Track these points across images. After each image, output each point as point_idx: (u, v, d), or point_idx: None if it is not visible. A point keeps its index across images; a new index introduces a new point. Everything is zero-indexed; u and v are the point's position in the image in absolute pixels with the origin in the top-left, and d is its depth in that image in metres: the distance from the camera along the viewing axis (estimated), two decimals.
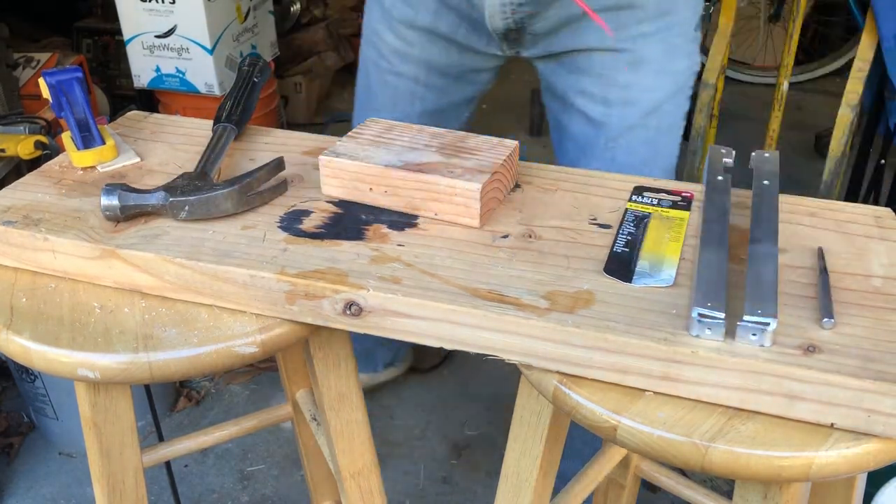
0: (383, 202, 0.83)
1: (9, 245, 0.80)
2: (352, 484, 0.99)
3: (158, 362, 0.72)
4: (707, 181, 0.82)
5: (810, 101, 3.47)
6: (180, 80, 2.28)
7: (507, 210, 0.83)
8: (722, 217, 0.76)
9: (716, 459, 0.61)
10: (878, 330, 0.66)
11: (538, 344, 0.68)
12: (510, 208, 0.84)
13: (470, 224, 0.80)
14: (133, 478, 0.91)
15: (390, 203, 0.83)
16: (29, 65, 2.32)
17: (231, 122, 0.93)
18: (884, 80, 2.08)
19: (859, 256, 0.75)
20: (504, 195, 0.85)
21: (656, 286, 0.71)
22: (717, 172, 0.82)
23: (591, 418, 0.66)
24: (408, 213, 0.82)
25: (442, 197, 0.80)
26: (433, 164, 0.82)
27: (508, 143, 0.86)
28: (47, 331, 0.74)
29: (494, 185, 0.82)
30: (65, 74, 0.90)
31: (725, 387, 0.63)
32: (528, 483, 0.84)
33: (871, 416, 0.61)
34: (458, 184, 0.79)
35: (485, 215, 0.81)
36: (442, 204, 0.81)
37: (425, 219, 0.82)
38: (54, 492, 1.72)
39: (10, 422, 1.87)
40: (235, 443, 1.82)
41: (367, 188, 0.83)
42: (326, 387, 0.92)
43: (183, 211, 0.80)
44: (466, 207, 0.79)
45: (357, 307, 0.72)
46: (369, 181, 0.83)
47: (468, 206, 0.79)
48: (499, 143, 0.86)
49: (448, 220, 0.81)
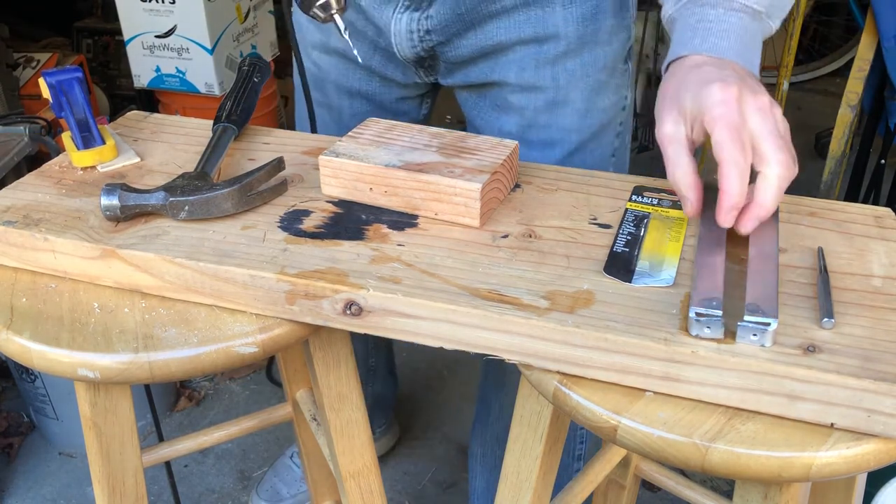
0: (383, 202, 0.83)
1: (9, 245, 0.80)
2: (352, 484, 0.99)
3: (158, 362, 0.72)
4: (705, 181, 0.81)
5: (810, 101, 3.47)
6: (180, 80, 2.28)
7: (507, 210, 0.83)
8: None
9: (716, 460, 0.61)
10: (878, 330, 0.66)
11: (538, 344, 0.68)
12: (510, 208, 0.83)
13: (470, 224, 0.80)
14: (133, 478, 0.91)
15: (390, 203, 0.83)
16: (29, 65, 2.33)
17: (231, 122, 0.93)
18: (884, 80, 2.08)
19: (859, 256, 0.75)
20: (504, 195, 0.85)
21: (656, 286, 0.71)
22: (715, 171, 0.82)
23: (592, 418, 0.66)
24: (408, 212, 0.82)
25: (442, 197, 0.80)
26: (433, 164, 0.82)
27: (508, 143, 0.86)
28: (47, 331, 0.74)
29: (494, 185, 0.82)
30: (65, 74, 0.90)
31: (726, 387, 0.63)
32: (528, 483, 0.84)
33: (871, 416, 0.61)
34: (458, 184, 0.79)
35: (485, 215, 0.81)
36: (442, 204, 0.81)
37: (425, 219, 0.82)
38: (54, 492, 1.72)
39: (10, 422, 1.87)
40: (235, 443, 1.82)
41: (367, 188, 0.83)
42: (326, 387, 0.92)
43: (183, 211, 0.80)
44: (466, 207, 0.79)
45: (357, 307, 0.72)
46: (369, 181, 0.83)
47: (468, 206, 0.79)
48: (499, 143, 0.86)
49: (448, 221, 0.81)
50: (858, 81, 2.08)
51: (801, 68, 3.59)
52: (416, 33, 1.02)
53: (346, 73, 1.15)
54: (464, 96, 1.13)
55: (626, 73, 1.09)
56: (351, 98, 1.17)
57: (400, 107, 1.18)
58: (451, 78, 1.10)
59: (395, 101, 1.17)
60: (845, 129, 2.14)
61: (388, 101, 1.17)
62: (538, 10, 0.99)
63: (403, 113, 1.20)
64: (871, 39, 2.03)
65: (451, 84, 1.11)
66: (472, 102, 1.12)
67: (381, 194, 0.83)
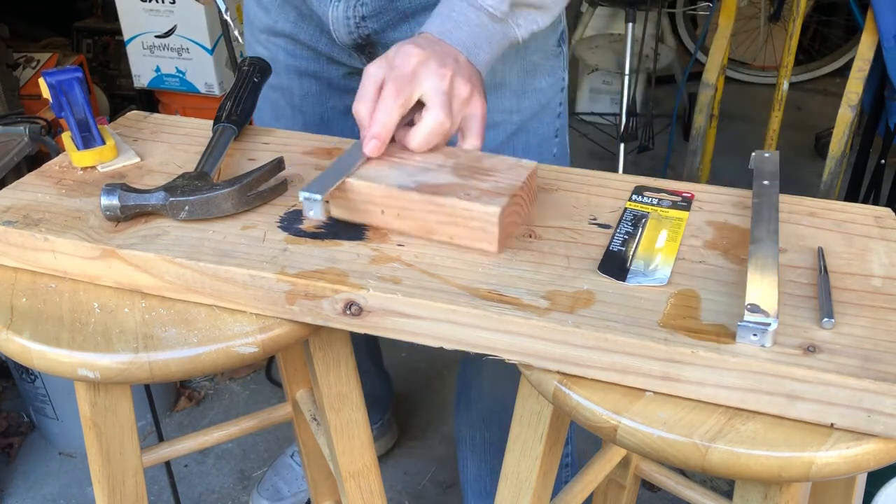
0: (395, 225, 0.79)
1: (9, 245, 0.80)
2: (352, 484, 0.99)
3: (158, 362, 0.72)
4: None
5: (810, 101, 3.48)
6: (180, 80, 2.29)
7: None
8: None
9: (716, 460, 0.61)
10: (878, 330, 0.66)
11: (538, 344, 0.68)
12: None
13: (488, 249, 0.76)
14: (133, 478, 0.91)
15: (403, 226, 0.79)
16: (29, 65, 2.33)
17: (231, 122, 0.93)
18: (884, 80, 2.08)
19: (859, 256, 0.75)
20: (522, 219, 0.81)
21: (651, 285, 0.71)
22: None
23: (592, 418, 0.66)
24: (421, 236, 0.79)
25: (458, 220, 0.76)
26: (449, 186, 0.78)
27: (526, 163, 0.82)
28: (47, 331, 0.74)
29: (513, 209, 0.77)
30: (65, 74, 0.90)
31: (726, 387, 0.63)
32: (528, 483, 0.84)
33: (871, 416, 0.61)
34: (475, 207, 0.75)
35: (503, 241, 0.76)
36: (458, 228, 0.76)
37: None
38: (54, 492, 1.72)
39: (10, 422, 1.87)
40: (235, 443, 1.82)
41: (379, 211, 0.79)
42: (326, 387, 0.92)
43: (183, 211, 0.80)
44: (484, 232, 0.75)
45: (357, 307, 0.72)
46: (381, 203, 0.79)
47: (486, 231, 0.75)
48: (516, 163, 0.82)
49: (464, 245, 0.77)
50: (858, 81, 2.08)
51: (801, 68, 3.59)
52: (353, 20, 1.05)
53: (294, 54, 1.17)
54: None
55: (560, 55, 1.14)
56: (301, 78, 1.19)
57: (349, 84, 1.19)
58: None
59: (342, 78, 1.19)
60: (845, 129, 2.14)
61: (335, 78, 1.19)
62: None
63: (352, 89, 1.20)
64: (871, 39, 2.03)
65: None
66: None
67: (394, 217, 0.79)
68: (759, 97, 3.49)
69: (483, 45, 0.86)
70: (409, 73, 0.80)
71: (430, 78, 0.80)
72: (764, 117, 2.51)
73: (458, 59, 0.83)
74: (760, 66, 3.68)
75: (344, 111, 1.22)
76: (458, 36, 0.85)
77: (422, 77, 0.80)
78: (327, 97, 1.21)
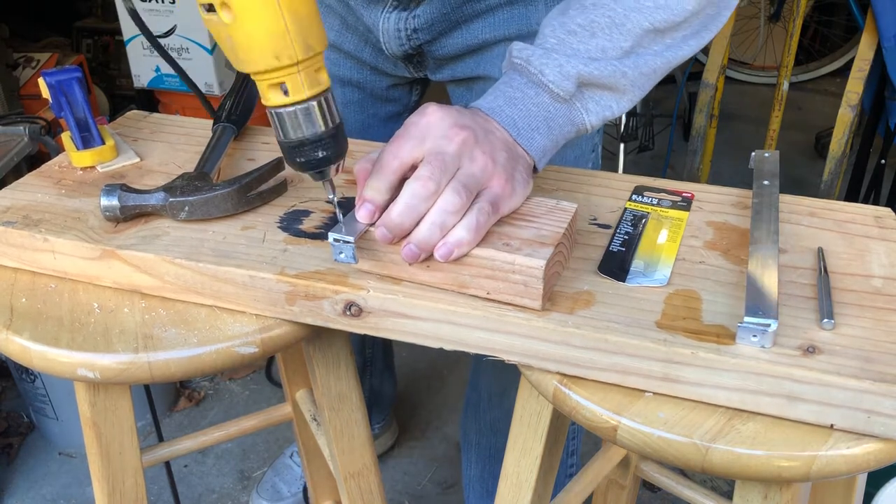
0: (424, 278, 0.70)
1: (9, 245, 0.80)
2: (351, 484, 0.99)
3: (158, 362, 0.72)
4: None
5: (810, 101, 3.48)
6: (180, 80, 2.28)
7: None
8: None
9: (716, 460, 0.61)
10: (878, 331, 0.65)
11: (538, 344, 0.67)
12: None
13: (530, 306, 0.68)
14: (133, 478, 0.91)
15: (433, 280, 0.70)
16: (29, 65, 2.33)
17: (231, 121, 0.93)
18: (884, 80, 2.08)
19: (859, 256, 0.75)
20: (564, 269, 0.73)
21: (650, 286, 0.71)
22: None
23: (592, 419, 0.66)
24: (455, 291, 0.70)
25: (497, 274, 0.68)
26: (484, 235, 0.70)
27: (567, 206, 0.73)
28: (47, 331, 0.74)
29: (557, 259, 0.69)
30: (65, 74, 0.90)
31: (725, 388, 0.63)
32: (528, 483, 0.84)
33: (870, 417, 0.61)
34: (517, 259, 0.67)
35: (546, 295, 0.68)
36: (496, 282, 0.68)
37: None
38: (54, 492, 1.72)
39: (10, 422, 1.87)
40: (235, 443, 1.82)
41: (406, 263, 0.70)
42: (326, 387, 0.92)
43: (183, 211, 0.80)
44: (526, 287, 0.67)
45: (357, 308, 0.71)
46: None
47: (528, 286, 0.67)
48: (555, 206, 0.74)
49: (503, 302, 0.69)
50: (858, 81, 2.09)
51: (801, 68, 3.59)
52: (404, 32, 1.04)
53: (337, 63, 1.17)
54: (452, 89, 1.16)
55: None
56: (343, 86, 1.19)
57: (391, 94, 1.20)
58: (439, 73, 1.13)
59: (385, 89, 1.19)
60: (845, 129, 2.14)
61: (379, 89, 1.19)
62: (521, 7, 1.01)
63: (395, 100, 1.22)
64: (871, 39, 2.03)
65: (440, 79, 1.15)
66: (461, 95, 1.15)
67: (423, 269, 0.70)
68: (759, 97, 3.49)
69: (540, 128, 0.74)
70: (418, 136, 0.70)
71: (436, 139, 0.69)
72: (764, 117, 2.51)
73: (500, 137, 0.72)
74: (760, 66, 3.68)
75: (385, 118, 1.23)
76: (509, 113, 0.74)
77: (427, 139, 0.70)
78: (368, 105, 1.22)
